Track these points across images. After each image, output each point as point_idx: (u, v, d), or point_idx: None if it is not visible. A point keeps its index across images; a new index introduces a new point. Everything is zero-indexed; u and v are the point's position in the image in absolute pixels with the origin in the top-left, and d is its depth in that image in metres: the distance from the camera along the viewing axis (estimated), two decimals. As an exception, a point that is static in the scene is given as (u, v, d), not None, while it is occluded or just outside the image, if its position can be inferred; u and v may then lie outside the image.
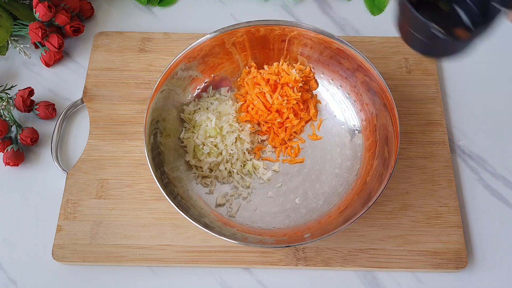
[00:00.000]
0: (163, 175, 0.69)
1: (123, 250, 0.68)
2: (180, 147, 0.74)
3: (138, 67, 0.81)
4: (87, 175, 0.73)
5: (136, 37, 0.84)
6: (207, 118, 0.74)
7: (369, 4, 0.89)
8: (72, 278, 0.68)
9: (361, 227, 0.70)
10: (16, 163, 0.74)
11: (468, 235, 0.70)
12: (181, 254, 0.68)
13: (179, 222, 0.70)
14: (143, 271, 0.68)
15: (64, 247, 0.68)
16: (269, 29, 0.74)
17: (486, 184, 0.74)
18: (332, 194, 0.72)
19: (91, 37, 0.85)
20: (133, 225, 0.70)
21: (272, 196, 0.72)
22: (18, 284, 0.68)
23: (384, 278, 0.68)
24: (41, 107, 0.77)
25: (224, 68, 0.78)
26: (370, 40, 0.83)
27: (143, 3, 0.88)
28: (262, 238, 0.67)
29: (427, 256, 0.68)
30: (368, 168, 0.71)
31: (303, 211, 0.71)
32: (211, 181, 0.73)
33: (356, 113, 0.75)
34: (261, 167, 0.74)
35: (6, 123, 0.74)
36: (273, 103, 0.74)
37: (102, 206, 0.71)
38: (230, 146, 0.73)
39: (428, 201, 0.71)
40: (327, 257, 0.68)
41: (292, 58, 0.78)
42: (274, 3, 0.90)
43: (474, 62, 0.82)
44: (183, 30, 0.86)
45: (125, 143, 0.76)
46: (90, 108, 0.78)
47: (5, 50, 0.82)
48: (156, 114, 0.71)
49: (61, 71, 0.83)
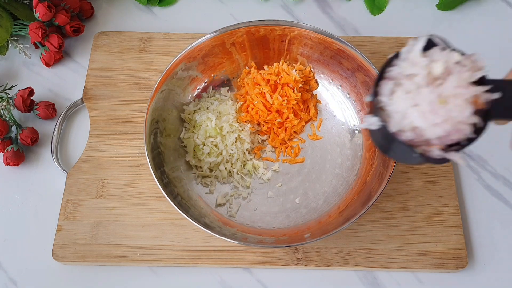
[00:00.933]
0: (163, 175, 0.69)
1: (123, 250, 0.68)
2: (180, 147, 0.74)
3: (138, 67, 0.81)
4: (87, 175, 0.73)
5: (136, 37, 0.84)
6: (207, 118, 0.74)
7: (369, 4, 0.89)
8: (72, 278, 0.68)
9: (361, 227, 0.70)
10: (16, 163, 0.74)
11: (468, 235, 0.70)
12: (181, 254, 0.68)
13: (179, 222, 0.70)
14: (143, 271, 0.68)
15: (64, 247, 0.68)
16: (269, 29, 0.74)
17: (486, 184, 0.74)
18: (332, 194, 0.72)
19: (91, 37, 0.85)
20: (133, 225, 0.70)
21: (272, 196, 0.72)
22: (18, 284, 0.68)
23: (384, 278, 0.68)
24: (41, 107, 0.77)
25: (224, 68, 0.78)
26: (370, 40, 0.83)
27: (143, 3, 0.88)
28: (262, 238, 0.67)
29: (427, 256, 0.68)
30: (368, 168, 0.71)
31: (303, 211, 0.71)
32: (211, 181, 0.73)
33: (356, 113, 0.75)
34: (261, 167, 0.74)
35: (6, 123, 0.74)
36: (273, 103, 0.74)
37: (102, 206, 0.71)
38: (230, 146, 0.73)
39: (428, 201, 0.71)
40: (327, 257, 0.68)
41: (292, 58, 0.78)
42: (274, 3, 0.90)
43: (474, 62, 0.82)
44: (183, 30, 0.86)
45: (125, 143, 0.76)
46: (90, 108, 0.78)
47: (5, 50, 0.82)
48: (156, 114, 0.71)
49: (61, 71, 0.83)
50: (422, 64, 0.41)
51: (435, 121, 0.40)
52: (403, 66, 0.42)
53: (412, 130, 0.41)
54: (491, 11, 0.89)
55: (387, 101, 0.42)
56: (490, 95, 0.41)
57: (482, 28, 0.87)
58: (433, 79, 0.41)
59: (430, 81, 0.41)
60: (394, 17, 0.88)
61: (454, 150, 0.41)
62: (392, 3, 0.89)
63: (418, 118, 0.40)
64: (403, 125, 0.41)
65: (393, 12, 0.89)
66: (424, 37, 0.42)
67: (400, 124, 0.41)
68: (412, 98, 0.41)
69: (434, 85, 0.41)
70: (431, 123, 0.40)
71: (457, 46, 0.45)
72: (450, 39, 0.87)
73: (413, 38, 0.42)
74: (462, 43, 0.86)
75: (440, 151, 0.41)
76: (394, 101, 0.42)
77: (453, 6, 0.88)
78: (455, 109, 0.40)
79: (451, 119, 0.40)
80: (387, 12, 0.89)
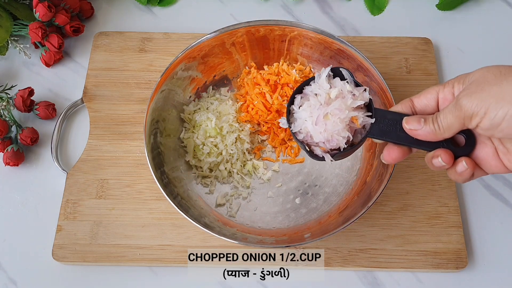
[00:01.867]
0: (163, 175, 0.69)
1: (123, 250, 0.68)
2: (180, 147, 0.74)
3: (138, 67, 0.81)
4: (87, 175, 0.73)
5: (136, 37, 0.84)
6: (207, 118, 0.74)
7: (369, 4, 0.89)
8: (72, 278, 0.68)
9: (361, 227, 0.70)
10: (16, 163, 0.74)
11: (468, 235, 0.70)
12: (181, 254, 0.68)
13: (179, 222, 0.70)
14: (143, 271, 0.68)
15: (64, 247, 0.68)
16: (269, 29, 0.74)
17: (486, 184, 0.74)
18: (332, 194, 0.72)
19: (91, 37, 0.85)
20: (133, 225, 0.70)
21: (272, 196, 0.72)
22: (18, 284, 0.68)
23: (384, 278, 0.68)
24: (41, 107, 0.77)
25: (224, 68, 0.78)
26: (370, 40, 0.83)
27: (143, 3, 0.88)
28: (262, 238, 0.67)
29: (427, 256, 0.68)
30: (368, 168, 0.71)
31: (303, 211, 0.71)
32: (211, 181, 0.73)
33: (356, 113, 0.75)
34: (261, 167, 0.74)
35: (6, 123, 0.74)
36: (273, 103, 0.74)
37: (102, 206, 0.71)
38: (230, 146, 0.73)
39: (428, 201, 0.71)
40: (327, 257, 0.68)
41: (292, 58, 0.78)
42: (274, 3, 0.90)
43: (474, 62, 0.82)
44: (183, 30, 0.86)
45: (125, 143, 0.76)
46: (90, 108, 0.78)
47: (5, 50, 0.82)
48: (156, 114, 0.71)
49: (61, 71, 0.83)
50: (325, 88, 0.56)
51: (318, 130, 0.55)
52: (313, 87, 0.57)
53: (306, 133, 0.57)
54: (491, 11, 0.89)
55: (296, 109, 0.57)
56: (368, 119, 0.55)
57: (482, 28, 0.87)
58: (330, 100, 0.55)
59: (328, 101, 0.55)
60: (394, 17, 0.88)
61: (333, 153, 0.56)
62: (392, 3, 0.89)
63: (309, 125, 0.56)
64: (301, 128, 0.57)
65: (393, 12, 0.89)
66: (329, 68, 0.57)
67: (299, 127, 0.57)
68: (310, 111, 0.56)
69: (328, 104, 0.55)
70: (317, 131, 0.55)
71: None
72: (450, 39, 0.87)
73: (326, 68, 0.57)
74: (462, 43, 0.86)
75: (321, 151, 0.56)
76: (300, 110, 0.57)
77: (453, 6, 0.88)
78: (332, 124, 0.54)
79: (328, 131, 0.55)
80: (387, 12, 0.89)
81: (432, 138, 0.51)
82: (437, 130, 0.50)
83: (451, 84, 0.51)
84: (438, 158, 0.51)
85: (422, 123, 0.51)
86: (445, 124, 0.50)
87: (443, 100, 0.52)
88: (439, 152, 0.51)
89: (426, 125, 0.50)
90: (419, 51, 0.82)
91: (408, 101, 0.54)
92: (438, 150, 0.51)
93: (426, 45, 0.83)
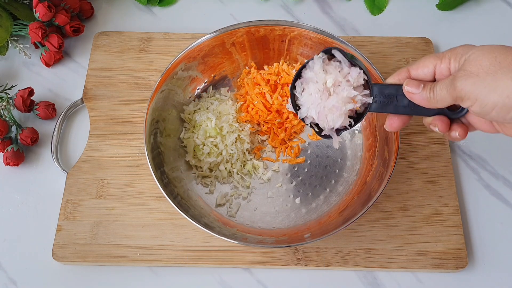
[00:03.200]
0: (163, 175, 0.69)
1: (123, 250, 0.68)
2: (180, 147, 0.74)
3: (138, 67, 0.81)
4: (87, 175, 0.73)
5: (136, 37, 0.84)
6: (207, 118, 0.74)
7: (369, 4, 0.89)
8: (72, 278, 0.68)
9: (361, 227, 0.70)
10: (16, 163, 0.74)
11: (468, 235, 0.70)
12: (181, 254, 0.68)
13: (179, 222, 0.70)
14: (143, 271, 0.68)
15: (64, 247, 0.68)
16: (269, 29, 0.74)
17: (486, 184, 0.74)
18: (332, 194, 0.72)
19: (91, 37, 0.85)
20: (133, 225, 0.70)
21: (272, 196, 0.72)
22: (18, 284, 0.68)
23: (384, 278, 0.68)
24: (41, 107, 0.77)
25: (224, 68, 0.78)
26: (370, 40, 0.83)
27: (143, 3, 0.88)
28: (262, 238, 0.67)
29: (427, 256, 0.68)
30: (368, 168, 0.71)
31: (303, 211, 0.71)
32: (211, 181, 0.73)
33: (356, 113, 0.75)
34: (261, 167, 0.74)
35: (6, 123, 0.74)
36: (273, 103, 0.74)
37: (102, 206, 0.71)
38: (230, 146, 0.73)
39: (428, 201, 0.71)
40: (327, 257, 0.68)
41: (292, 58, 0.78)
42: (274, 3, 0.90)
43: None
44: (183, 30, 0.86)
45: (125, 143, 0.76)
46: (90, 108, 0.78)
47: (5, 50, 0.82)
48: (156, 114, 0.71)
49: (61, 71, 0.83)
50: (321, 77, 0.58)
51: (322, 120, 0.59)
52: (310, 74, 0.59)
53: (311, 118, 0.60)
54: (491, 11, 0.89)
55: (299, 95, 0.60)
56: (366, 99, 0.57)
57: (482, 28, 0.87)
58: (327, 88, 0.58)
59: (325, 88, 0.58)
60: (394, 17, 0.88)
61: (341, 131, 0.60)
62: (392, 3, 0.89)
63: (314, 114, 0.59)
64: (307, 113, 0.60)
65: (393, 12, 0.89)
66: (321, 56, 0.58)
67: (304, 113, 0.60)
68: (311, 100, 0.59)
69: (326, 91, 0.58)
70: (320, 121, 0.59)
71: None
72: (450, 39, 0.87)
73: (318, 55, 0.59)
74: (462, 43, 0.85)
75: (330, 131, 0.60)
76: (302, 96, 0.60)
77: (453, 6, 0.88)
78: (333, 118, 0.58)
79: (330, 122, 0.58)
80: (387, 12, 0.89)
81: (425, 105, 0.54)
82: (431, 99, 0.53)
83: (448, 59, 0.53)
84: (435, 127, 0.55)
85: (420, 89, 0.53)
86: (439, 96, 0.52)
87: (440, 75, 0.54)
88: (436, 121, 0.55)
89: (424, 91, 0.53)
90: (419, 51, 0.82)
91: (405, 71, 0.56)
92: (435, 119, 0.55)
93: (426, 45, 0.83)
